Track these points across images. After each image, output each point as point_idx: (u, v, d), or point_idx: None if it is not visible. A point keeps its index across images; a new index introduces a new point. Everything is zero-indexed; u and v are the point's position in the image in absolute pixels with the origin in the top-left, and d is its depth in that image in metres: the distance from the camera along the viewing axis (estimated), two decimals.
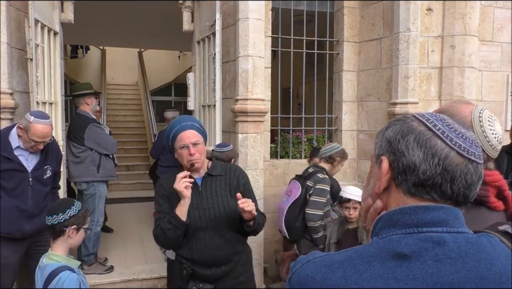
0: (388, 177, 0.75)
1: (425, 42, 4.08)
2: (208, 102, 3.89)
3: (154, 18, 6.18)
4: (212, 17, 3.64)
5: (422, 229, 0.69)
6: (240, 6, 3.63)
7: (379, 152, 0.79)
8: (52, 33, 3.72)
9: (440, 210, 0.71)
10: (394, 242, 0.69)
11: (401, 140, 0.74)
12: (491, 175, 1.01)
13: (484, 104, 4.18)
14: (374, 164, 0.81)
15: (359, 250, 0.72)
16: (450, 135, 0.73)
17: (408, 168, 0.73)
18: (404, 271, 0.66)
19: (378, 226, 0.75)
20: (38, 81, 3.34)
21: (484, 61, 4.34)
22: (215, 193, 2.10)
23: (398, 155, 0.74)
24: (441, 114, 0.79)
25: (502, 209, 1.01)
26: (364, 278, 0.66)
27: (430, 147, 0.72)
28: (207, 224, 2.05)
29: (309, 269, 0.73)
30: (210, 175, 2.14)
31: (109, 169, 4.27)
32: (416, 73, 3.96)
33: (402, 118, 0.79)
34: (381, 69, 4.21)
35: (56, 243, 1.99)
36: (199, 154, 2.06)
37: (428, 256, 0.66)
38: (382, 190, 0.76)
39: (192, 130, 2.08)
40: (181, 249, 2.13)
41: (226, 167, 2.23)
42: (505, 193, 1.02)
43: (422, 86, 4.10)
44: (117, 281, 4.12)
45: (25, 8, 3.36)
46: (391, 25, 4.06)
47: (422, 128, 0.74)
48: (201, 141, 2.08)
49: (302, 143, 4.44)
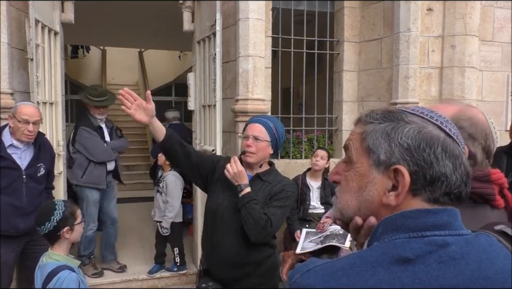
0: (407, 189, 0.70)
1: (425, 42, 4.07)
2: (209, 102, 3.89)
3: (155, 18, 6.17)
4: (212, 17, 3.64)
5: (426, 233, 0.67)
6: (240, 6, 3.63)
7: (389, 159, 0.71)
8: (52, 33, 3.72)
9: (443, 213, 0.70)
10: (398, 246, 0.67)
11: (428, 149, 0.69)
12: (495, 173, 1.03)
13: (484, 104, 4.18)
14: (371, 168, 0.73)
15: (362, 255, 0.69)
16: (459, 137, 0.72)
17: (437, 179, 0.69)
18: (410, 276, 0.64)
19: (380, 230, 0.72)
20: (39, 81, 3.34)
21: (484, 61, 4.34)
22: (254, 195, 2.03)
23: (425, 166, 0.69)
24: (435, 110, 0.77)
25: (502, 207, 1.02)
26: (369, 284, 0.64)
27: (456, 156, 0.70)
28: (228, 219, 2.02)
29: (310, 278, 0.68)
30: (260, 178, 2.09)
31: (95, 176, 4.13)
32: (416, 73, 3.96)
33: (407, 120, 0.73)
34: (382, 69, 4.20)
35: (55, 244, 1.99)
36: (256, 148, 2.04)
37: (431, 259, 0.65)
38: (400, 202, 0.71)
39: (261, 125, 2.07)
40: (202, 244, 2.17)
41: (281, 178, 2.16)
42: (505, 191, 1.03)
43: (423, 86, 4.10)
44: (117, 281, 4.13)
45: (25, 8, 3.36)
46: (392, 25, 4.05)
47: (442, 134, 0.71)
48: (264, 138, 2.05)
49: (302, 143, 4.44)
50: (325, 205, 3.79)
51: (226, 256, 2.03)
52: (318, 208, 3.81)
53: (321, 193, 3.82)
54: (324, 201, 3.81)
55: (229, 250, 2.02)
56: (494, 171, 1.03)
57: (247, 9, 3.61)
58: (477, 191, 1.00)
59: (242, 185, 1.98)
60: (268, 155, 2.12)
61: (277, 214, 2.00)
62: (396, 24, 3.98)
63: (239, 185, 1.98)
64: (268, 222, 1.95)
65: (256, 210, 1.95)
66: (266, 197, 2.05)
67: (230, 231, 2.02)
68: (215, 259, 2.06)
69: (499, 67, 4.41)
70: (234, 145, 3.78)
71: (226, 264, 2.03)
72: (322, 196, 3.82)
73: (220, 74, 3.55)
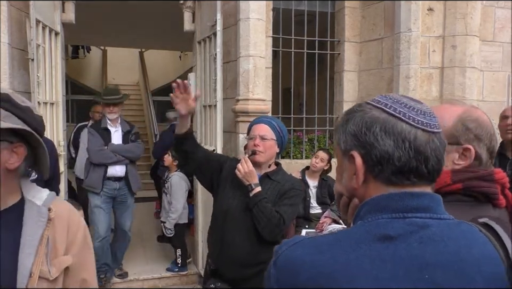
0: (363, 171, 0.75)
1: (426, 42, 4.07)
2: (209, 102, 3.89)
3: (155, 19, 6.18)
4: (213, 17, 3.64)
5: (408, 215, 0.71)
6: (241, 6, 3.64)
7: (346, 148, 0.78)
8: (53, 33, 3.73)
9: (425, 197, 0.73)
10: (381, 226, 0.70)
11: (368, 132, 0.74)
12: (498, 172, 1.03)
13: (485, 104, 4.18)
14: (342, 158, 0.80)
15: (346, 232, 0.73)
16: (411, 115, 0.74)
17: (382, 158, 0.72)
18: (390, 252, 0.67)
19: (364, 210, 0.75)
20: (39, 81, 3.34)
21: (485, 61, 4.33)
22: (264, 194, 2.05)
23: (369, 148, 0.73)
24: (391, 94, 0.79)
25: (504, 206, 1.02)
26: (351, 258, 0.68)
27: (398, 133, 0.72)
28: (239, 218, 2.04)
29: (297, 250, 0.72)
30: (268, 177, 2.12)
31: (93, 179, 3.88)
32: (417, 73, 3.96)
33: (358, 109, 0.78)
34: (382, 69, 4.20)
35: None
36: (263, 147, 2.07)
37: (412, 238, 0.68)
38: (360, 184, 0.76)
39: (266, 125, 2.12)
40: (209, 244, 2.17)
41: (289, 177, 2.21)
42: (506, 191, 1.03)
43: (423, 86, 4.09)
44: (117, 281, 4.13)
45: (26, 8, 3.36)
46: (392, 25, 4.05)
47: (384, 115, 0.74)
48: (271, 138, 2.09)
49: (303, 143, 4.44)
50: (321, 205, 3.80)
51: (237, 255, 2.04)
52: (315, 207, 3.81)
53: (317, 193, 3.83)
54: (320, 201, 3.81)
55: (240, 249, 2.03)
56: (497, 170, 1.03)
57: (248, 9, 3.61)
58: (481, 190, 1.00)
59: (253, 184, 2.01)
60: (275, 154, 2.16)
61: (288, 212, 2.03)
62: (396, 24, 3.98)
63: (249, 185, 2.01)
64: (280, 220, 1.98)
65: (268, 208, 1.98)
66: (276, 195, 2.08)
67: (242, 230, 2.03)
68: (225, 259, 2.07)
69: (500, 68, 4.40)
70: (235, 145, 3.79)
71: (237, 263, 2.04)
72: (318, 196, 3.82)
73: (220, 75, 3.55)
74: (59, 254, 1.07)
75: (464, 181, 1.00)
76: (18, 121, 1.02)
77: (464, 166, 1.03)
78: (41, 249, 1.02)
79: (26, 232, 1.02)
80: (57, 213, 1.08)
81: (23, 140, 1.03)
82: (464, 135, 1.04)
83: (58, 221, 1.08)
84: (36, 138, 1.05)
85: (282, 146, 2.18)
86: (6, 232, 1.01)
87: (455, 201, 1.00)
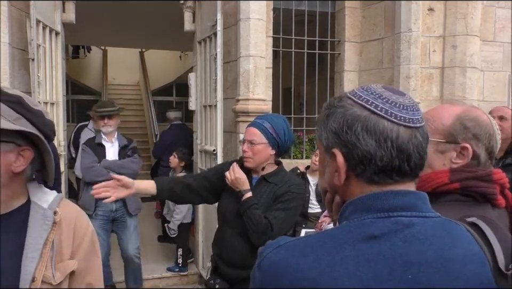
0: (345, 169, 0.74)
1: (426, 42, 4.07)
2: (210, 102, 3.89)
3: (156, 19, 6.18)
4: (213, 17, 3.65)
5: (393, 214, 0.70)
6: (241, 6, 3.64)
7: (328, 145, 0.76)
8: (54, 33, 3.73)
9: (410, 195, 0.72)
10: (366, 226, 0.70)
11: (349, 131, 0.72)
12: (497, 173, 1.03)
13: (486, 104, 4.17)
14: (324, 154, 0.79)
15: (331, 233, 0.72)
16: (393, 111, 0.71)
17: (364, 158, 0.71)
18: (374, 252, 0.67)
19: (349, 210, 0.74)
20: (40, 81, 3.34)
21: (486, 61, 4.33)
22: (259, 198, 2.03)
23: (350, 148, 0.72)
24: (372, 86, 0.77)
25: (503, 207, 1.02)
26: (336, 260, 0.67)
27: (379, 132, 0.70)
28: (234, 222, 2.04)
29: (281, 253, 0.71)
30: (265, 180, 2.09)
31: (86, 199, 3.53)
32: (417, 74, 3.95)
33: (338, 104, 0.76)
34: (382, 69, 4.20)
35: None
36: (251, 153, 2.02)
37: (397, 237, 0.68)
38: (342, 182, 0.75)
39: (255, 128, 2.04)
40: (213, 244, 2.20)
41: (288, 179, 2.11)
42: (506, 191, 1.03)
43: (424, 86, 4.09)
44: (117, 281, 4.13)
45: (26, 8, 3.36)
46: (393, 25, 4.05)
47: (365, 113, 0.72)
48: (259, 141, 2.01)
49: (303, 143, 4.44)
50: (321, 203, 3.79)
51: (234, 257, 2.06)
52: (314, 206, 3.81)
53: (316, 191, 3.83)
54: (319, 199, 3.80)
55: (236, 252, 2.05)
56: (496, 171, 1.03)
57: (248, 9, 3.61)
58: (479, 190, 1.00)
59: (242, 190, 2.00)
60: (269, 157, 2.07)
61: (280, 217, 1.97)
62: (397, 24, 3.98)
63: (239, 191, 2.00)
64: (267, 226, 1.94)
65: (256, 215, 1.95)
66: (271, 198, 2.04)
67: (238, 233, 2.05)
68: (224, 260, 2.11)
69: (500, 68, 4.40)
70: (235, 145, 3.78)
71: (234, 264, 2.07)
72: (317, 194, 3.82)
73: (220, 75, 3.55)
74: (64, 258, 1.05)
75: (462, 180, 1.00)
76: (28, 124, 1.01)
77: (461, 165, 1.03)
78: (45, 253, 1.00)
79: (31, 235, 1.00)
80: (64, 216, 1.06)
81: (31, 144, 1.02)
82: (462, 134, 1.04)
83: (65, 224, 1.06)
84: (43, 143, 1.03)
85: (280, 146, 2.08)
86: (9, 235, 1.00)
87: (453, 201, 1.00)
